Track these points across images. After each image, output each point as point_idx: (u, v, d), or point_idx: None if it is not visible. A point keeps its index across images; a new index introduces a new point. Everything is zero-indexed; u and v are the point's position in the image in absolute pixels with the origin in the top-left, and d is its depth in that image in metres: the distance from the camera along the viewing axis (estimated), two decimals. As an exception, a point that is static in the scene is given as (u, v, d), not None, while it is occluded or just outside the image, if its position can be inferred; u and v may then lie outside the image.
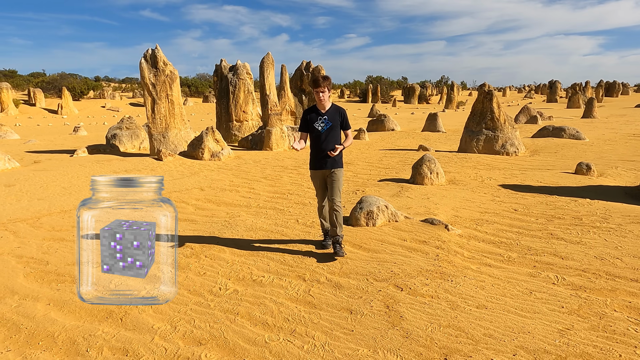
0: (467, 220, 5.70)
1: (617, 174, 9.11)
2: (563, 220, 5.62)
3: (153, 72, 13.32)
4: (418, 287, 3.67)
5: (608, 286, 3.64)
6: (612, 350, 2.72)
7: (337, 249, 4.33)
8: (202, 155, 12.20)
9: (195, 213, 6.52)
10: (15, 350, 2.92)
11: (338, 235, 4.38)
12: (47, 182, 9.11)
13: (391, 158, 11.94)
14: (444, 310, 3.26)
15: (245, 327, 3.13)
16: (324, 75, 4.32)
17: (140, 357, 2.78)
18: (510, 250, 4.55)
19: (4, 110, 39.90)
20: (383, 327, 3.05)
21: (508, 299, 3.43)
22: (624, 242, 4.72)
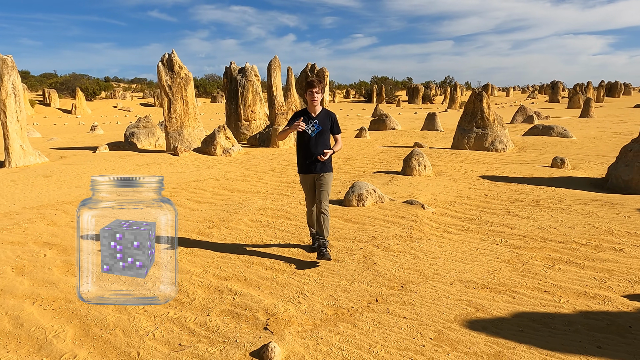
0: (443, 202, 6.76)
1: (588, 167, 10.11)
2: (523, 202, 6.67)
3: (169, 74, 14.48)
4: (391, 246, 4.75)
5: (538, 246, 4.70)
6: (522, 281, 3.79)
7: (324, 251, 4.22)
8: (215, 151, 13.32)
9: (212, 198, 7.63)
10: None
11: (324, 239, 4.32)
12: (79, 173, 10.27)
13: (387, 154, 13.00)
14: (407, 260, 4.34)
15: (258, 270, 4.22)
16: (319, 77, 4.95)
17: (184, 287, 3.88)
18: (471, 223, 5.61)
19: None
20: (360, 270, 4.14)
21: (458, 254, 4.50)
22: (566, 217, 5.77)
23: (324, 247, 4.27)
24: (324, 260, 4.31)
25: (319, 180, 4.38)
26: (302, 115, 4.37)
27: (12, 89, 12.61)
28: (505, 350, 2.76)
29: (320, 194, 4.36)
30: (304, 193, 4.63)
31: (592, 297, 3.49)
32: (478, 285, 3.74)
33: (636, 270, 4.01)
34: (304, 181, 4.51)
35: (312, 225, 4.69)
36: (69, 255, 4.72)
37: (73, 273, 4.22)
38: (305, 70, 22.59)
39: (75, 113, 43.94)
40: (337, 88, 74.89)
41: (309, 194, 4.54)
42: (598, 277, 3.87)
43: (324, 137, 4.35)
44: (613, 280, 3.80)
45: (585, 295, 3.53)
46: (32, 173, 10.45)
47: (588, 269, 4.07)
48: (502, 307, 3.34)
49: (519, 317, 3.17)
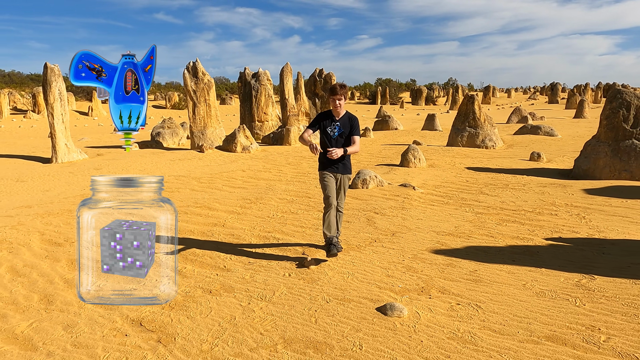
0: (430, 186, 8.42)
1: (562, 160, 11.73)
2: (495, 186, 8.31)
3: (194, 80, 16.22)
4: (387, 212, 6.42)
5: (496, 212, 6.36)
6: (477, 231, 5.45)
7: (332, 249, 4.40)
8: (235, 149, 15.03)
9: (243, 184, 9.32)
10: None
11: (335, 235, 4.50)
12: (124, 167, 12.01)
13: (389, 150, 14.66)
14: (398, 220, 6.01)
15: (290, 227, 5.90)
16: (342, 83, 4.59)
17: (241, 237, 5.54)
18: (449, 199, 7.27)
19: (40, 113, 43.36)
20: (364, 226, 5.81)
21: (435, 217, 6.17)
22: (524, 195, 7.42)
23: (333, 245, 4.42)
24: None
25: (341, 181, 4.55)
26: (326, 116, 4.59)
27: (59, 94, 14.40)
28: (454, 262, 4.42)
29: (339, 195, 4.59)
30: (324, 191, 4.55)
31: (521, 239, 5.15)
32: (445, 233, 5.40)
33: (560, 226, 5.65)
34: (325, 178, 4.52)
35: (328, 230, 4.48)
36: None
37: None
38: (314, 75, 24.28)
39: (92, 115, 45.90)
40: (342, 90, 76.49)
41: (331, 192, 4.48)
42: (530, 229, 5.53)
43: (344, 139, 4.52)
44: (540, 231, 5.45)
45: (517, 238, 5.19)
46: (83, 167, 12.20)
47: (527, 225, 5.72)
48: (459, 243, 5.01)
49: (468, 248, 4.84)
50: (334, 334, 3.11)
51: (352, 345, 2.96)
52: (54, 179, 10.58)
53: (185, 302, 3.69)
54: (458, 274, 4.13)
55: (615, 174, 8.80)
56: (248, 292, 3.85)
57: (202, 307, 3.59)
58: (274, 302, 3.64)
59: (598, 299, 3.54)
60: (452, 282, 3.94)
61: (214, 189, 8.73)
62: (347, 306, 3.52)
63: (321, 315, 3.38)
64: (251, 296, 3.76)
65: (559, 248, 4.83)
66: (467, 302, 3.55)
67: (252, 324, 3.28)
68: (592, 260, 4.42)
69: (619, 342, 2.89)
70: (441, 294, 3.73)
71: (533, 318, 3.25)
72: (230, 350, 2.94)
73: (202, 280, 4.14)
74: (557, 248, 4.83)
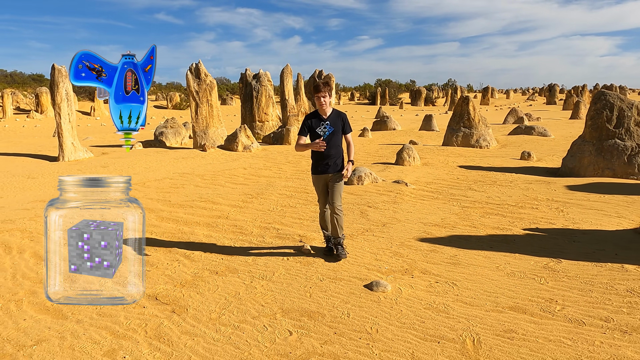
0: (422, 182, 8.88)
1: (551, 159, 12.18)
2: (484, 182, 8.77)
3: (196, 81, 16.68)
4: (379, 206, 6.88)
5: (481, 206, 6.81)
6: (461, 222, 5.90)
7: (340, 250, 4.52)
8: (237, 148, 15.48)
9: (245, 181, 9.77)
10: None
11: (339, 237, 4.57)
12: (130, 164, 12.47)
13: (385, 150, 15.11)
14: (389, 213, 6.46)
15: (289, 219, 6.35)
16: (325, 80, 4.32)
17: (244, 227, 6.00)
18: (439, 194, 7.73)
19: (43, 112, 43.88)
20: (357, 217, 6.26)
21: (424, 209, 6.63)
22: (510, 191, 7.87)
23: (340, 246, 4.57)
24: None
25: (332, 180, 4.49)
26: (314, 118, 4.49)
27: (65, 94, 14.87)
28: (437, 248, 4.88)
29: (333, 195, 4.46)
30: (317, 194, 4.67)
31: (501, 229, 5.60)
32: (432, 224, 5.86)
33: (539, 219, 6.10)
34: (317, 182, 4.57)
35: (325, 228, 4.68)
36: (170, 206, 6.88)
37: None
38: (313, 76, 24.76)
39: (94, 115, 46.39)
40: (342, 90, 77.15)
41: (322, 195, 4.59)
42: (511, 221, 5.98)
43: (336, 138, 4.46)
44: (520, 222, 5.91)
45: (497, 229, 5.64)
46: (90, 165, 12.66)
47: (508, 217, 6.17)
48: (443, 233, 5.46)
49: (451, 237, 5.29)
50: (325, 305, 3.56)
51: (341, 314, 3.42)
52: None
53: (194, 281, 4.14)
54: (439, 258, 4.58)
55: (599, 171, 9.25)
56: (250, 273, 4.31)
57: (210, 285, 4.04)
58: (274, 280, 4.10)
59: (560, 278, 3.99)
60: (434, 265, 4.40)
61: (217, 185, 9.19)
62: (338, 284, 3.98)
63: (315, 291, 3.84)
64: (253, 276, 4.22)
65: (534, 237, 5.29)
66: (445, 280, 4.01)
67: (254, 298, 3.73)
68: (563, 247, 4.87)
69: (571, 311, 3.35)
70: (422, 274, 4.18)
71: (500, 293, 3.71)
72: (235, 318, 3.40)
73: (209, 263, 4.59)
74: (533, 237, 5.29)
